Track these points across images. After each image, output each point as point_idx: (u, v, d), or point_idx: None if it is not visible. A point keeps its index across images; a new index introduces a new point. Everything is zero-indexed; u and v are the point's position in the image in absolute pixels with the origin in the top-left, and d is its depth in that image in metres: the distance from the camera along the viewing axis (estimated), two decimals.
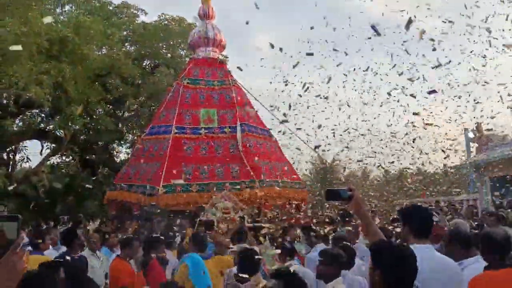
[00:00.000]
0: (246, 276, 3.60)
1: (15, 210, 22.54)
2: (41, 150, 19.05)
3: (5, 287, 1.35)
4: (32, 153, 24.13)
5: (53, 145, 18.14)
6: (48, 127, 18.05)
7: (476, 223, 7.44)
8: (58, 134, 17.31)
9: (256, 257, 3.90)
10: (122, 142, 23.34)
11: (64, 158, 20.15)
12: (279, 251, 5.07)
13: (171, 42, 21.76)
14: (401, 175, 37.61)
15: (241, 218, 10.53)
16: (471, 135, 17.51)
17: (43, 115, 18.79)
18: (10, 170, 16.31)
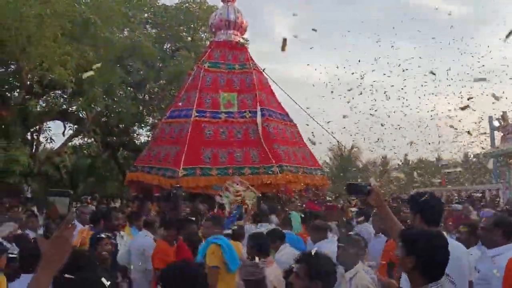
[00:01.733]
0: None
1: (38, 190, 23.13)
2: (64, 131, 19.37)
3: (57, 261, 1.39)
4: (55, 134, 24.48)
5: (75, 126, 18.40)
6: (70, 108, 18.30)
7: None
8: (80, 115, 17.54)
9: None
10: (142, 125, 23.56)
11: (86, 139, 20.44)
12: None
13: (192, 25, 21.68)
14: (420, 164, 37.20)
15: (258, 202, 10.62)
16: (496, 123, 17.10)
17: (65, 96, 19.05)
18: (34, 150, 16.61)
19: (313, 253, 2.79)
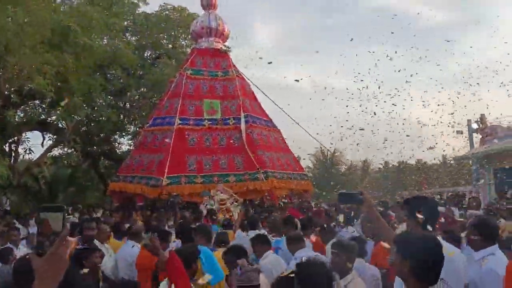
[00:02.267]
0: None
1: (17, 202, 22.55)
2: (43, 142, 18.96)
3: (52, 279, 1.34)
4: (34, 144, 23.96)
5: (55, 136, 18.03)
6: (49, 118, 17.94)
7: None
8: (60, 125, 17.21)
9: None
10: (123, 134, 23.25)
11: (65, 149, 20.04)
12: None
13: (173, 33, 21.56)
14: (401, 167, 37.76)
15: (246, 209, 10.69)
16: (474, 126, 17.48)
17: (44, 106, 18.67)
18: (12, 161, 16.20)
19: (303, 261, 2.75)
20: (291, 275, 2.81)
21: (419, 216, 2.96)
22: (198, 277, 4.07)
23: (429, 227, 3.00)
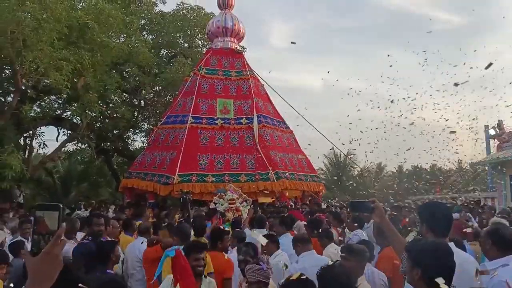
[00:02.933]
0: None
1: (31, 195, 22.88)
2: (57, 136, 19.20)
3: (46, 280, 1.30)
4: (49, 139, 24.30)
5: (69, 131, 18.23)
6: (64, 114, 18.16)
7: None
8: (74, 121, 17.39)
9: None
10: (137, 131, 23.43)
11: (79, 145, 20.25)
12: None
13: (189, 32, 21.64)
14: (416, 172, 37.31)
15: (254, 207, 10.81)
16: (492, 132, 17.17)
17: (60, 101, 18.91)
18: (27, 155, 16.41)
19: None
20: (303, 277, 2.79)
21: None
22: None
23: (443, 234, 2.92)
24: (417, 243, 2.45)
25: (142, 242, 5.76)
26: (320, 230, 5.75)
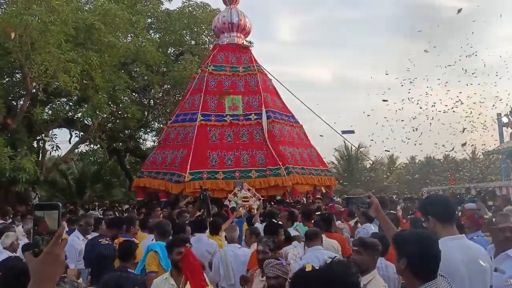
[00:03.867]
0: None
1: (46, 197, 23.19)
2: (70, 138, 19.40)
3: (49, 281, 1.28)
4: (62, 141, 24.60)
5: (81, 133, 18.40)
6: (76, 115, 18.32)
7: None
8: (86, 122, 17.54)
9: None
10: (148, 130, 23.55)
11: (92, 146, 20.44)
12: None
13: (195, 29, 21.64)
14: (429, 163, 36.91)
15: (262, 202, 11.15)
16: (504, 120, 16.89)
17: (71, 103, 19.08)
18: (40, 158, 16.62)
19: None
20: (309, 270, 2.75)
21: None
22: (153, 269, 4.45)
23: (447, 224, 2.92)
24: (402, 233, 2.51)
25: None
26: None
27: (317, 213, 7.04)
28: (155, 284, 4.01)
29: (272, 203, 11.80)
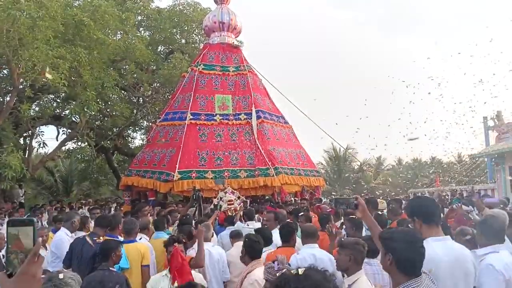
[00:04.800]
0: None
1: (32, 195, 22.89)
2: (57, 136, 19.17)
3: None
4: (49, 138, 24.30)
5: (69, 130, 18.19)
6: (63, 113, 18.11)
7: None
8: (73, 119, 17.35)
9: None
10: (136, 128, 23.39)
11: (79, 143, 20.22)
12: None
13: (186, 28, 21.54)
14: (416, 165, 37.31)
15: (244, 202, 11.19)
16: (490, 123, 17.13)
17: (58, 100, 18.87)
18: (26, 155, 16.39)
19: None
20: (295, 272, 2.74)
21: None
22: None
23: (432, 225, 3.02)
24: (388, 230, 2.59)
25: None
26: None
27: (300, 214, 7.12)
28: (154, 279, 4.17)
29: (255, 204, 11.83)
